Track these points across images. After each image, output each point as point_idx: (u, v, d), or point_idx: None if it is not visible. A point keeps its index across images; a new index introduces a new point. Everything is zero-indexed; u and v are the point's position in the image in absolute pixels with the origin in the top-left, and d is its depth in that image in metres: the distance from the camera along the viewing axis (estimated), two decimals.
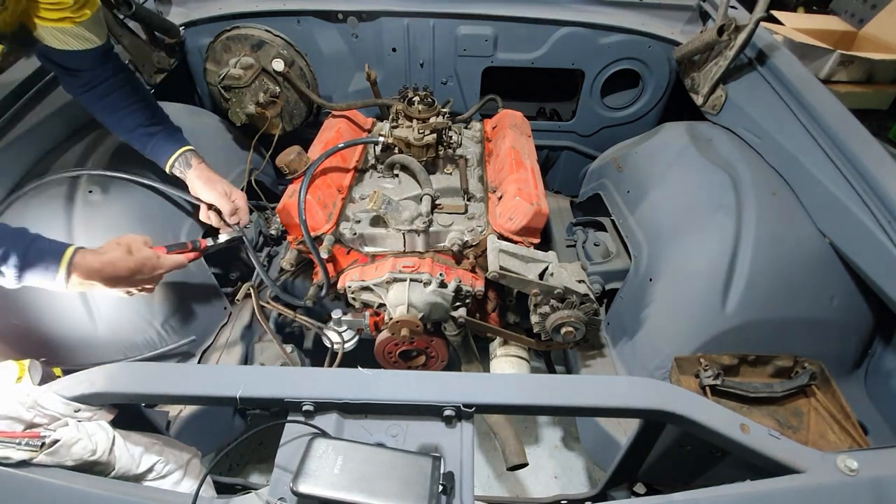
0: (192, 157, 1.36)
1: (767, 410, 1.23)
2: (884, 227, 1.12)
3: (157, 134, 1.33)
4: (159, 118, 1.35)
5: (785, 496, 0.73)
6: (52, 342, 1.24)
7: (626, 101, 2.03)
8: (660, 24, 1.85)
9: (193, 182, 1.36)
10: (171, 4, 1.89)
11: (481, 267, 1.40)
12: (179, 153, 1.34)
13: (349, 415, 0.80)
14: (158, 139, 1.33)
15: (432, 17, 1.84)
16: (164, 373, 0.86)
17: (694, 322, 1.28)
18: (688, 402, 0.78)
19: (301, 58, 1.76)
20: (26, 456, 0.72)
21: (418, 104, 1.55)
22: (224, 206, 1.38)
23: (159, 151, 1.33)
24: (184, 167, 1.35)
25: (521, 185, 1.39)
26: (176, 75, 1.88)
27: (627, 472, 1.08)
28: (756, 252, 1.25)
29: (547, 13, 1.84)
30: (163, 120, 1.36)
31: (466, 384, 0.81)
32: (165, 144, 1.33)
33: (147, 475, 0.89)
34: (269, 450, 1.58)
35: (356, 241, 1.41)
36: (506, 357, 1.44)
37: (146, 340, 1.31)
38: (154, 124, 1.32)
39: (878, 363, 1.34)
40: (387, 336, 1.35)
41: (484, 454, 1.81)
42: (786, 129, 1.41)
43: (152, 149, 1.33)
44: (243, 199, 1.44)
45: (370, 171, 1.63)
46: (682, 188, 1.48)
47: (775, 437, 0.77)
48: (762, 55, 1.58)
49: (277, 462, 0.75)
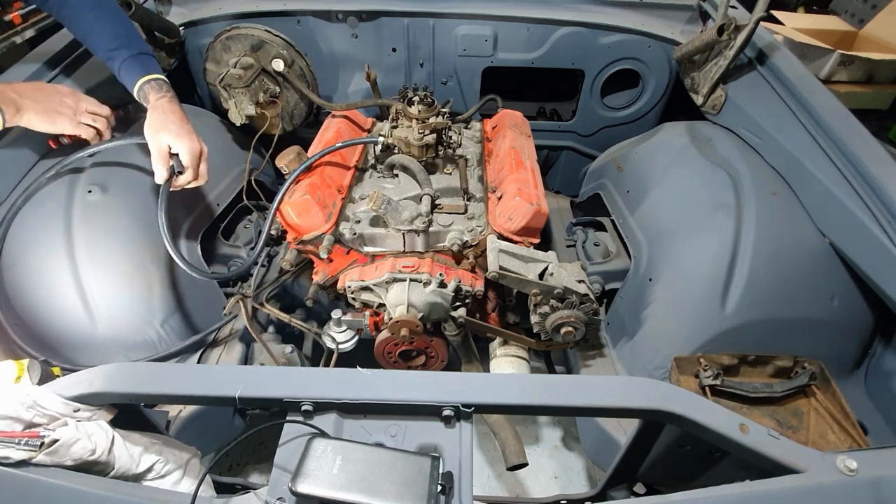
0: (149, 92, 1.25)
1: (767, 410, 1.23)
2: (884, 227, 1.12)
3: (126, 57, 1.25)
4: (129, 39, 1.27)
5: (784, 496, 0.73)
6: (51, 342, 1.25)
7: (626, 101, 2.03)
8: (660, 24, 1.85)
9: (146, 126, 1.22)
10: (171, 4, 1.89)
11: (481, 267, 1.40)
12: (141, 82, 1.24)
13: (348, 415, 0.80)
14: (127, 63, 1.25)
15: (432, 17, 1.84)
16: (163, 373, 0.86)
17: (693, 322, 1.28)
18: (687, 402, 0.78)
19: (301, 58, 1.76)
20: (25, 456, 0.72)
21: (418, 104, 1.55)
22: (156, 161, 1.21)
23: (126, 77, 1.26)
24: (143, 99, 1.26)
25: (521, 185, 1.39)
26: (176, 75, 1.88)
27: (627, 472, 1.08)
28: (756, 252, 1.25)
29: (547, 13, 1.84)
30: (132, 42, 1.27)
31: (465, 384, 0.81)
32: (130, 69, 1.25)
33: (146, 475, 0.89)
34: (269, 450, 1.58)
35: (356, 241, 1.41)
36: (506, 357, 1.44)
37: (146, 340, 1.31)
38: (121, 45, 1.25)
39: (878, 363, 1.34)
40: (386, 336, 1.35)
41: (484, 454, 1.81)
42: (786, 129, 1.41)
43: (121, 73, 1.26)
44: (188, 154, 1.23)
45: (370, 171, 1.63)
46: (681, 188, 1.48)
47: (775, 437, 0.77)
48: (762, 55, 1.58)
49: (276, 462, 0.75)
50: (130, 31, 1.31)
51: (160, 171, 1.23)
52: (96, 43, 1.27)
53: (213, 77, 1.72)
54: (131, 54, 1.26)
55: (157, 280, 1.34)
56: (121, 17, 1.33)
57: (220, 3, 1.89)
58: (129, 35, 1.30)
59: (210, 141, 1.72)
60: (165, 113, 1.22)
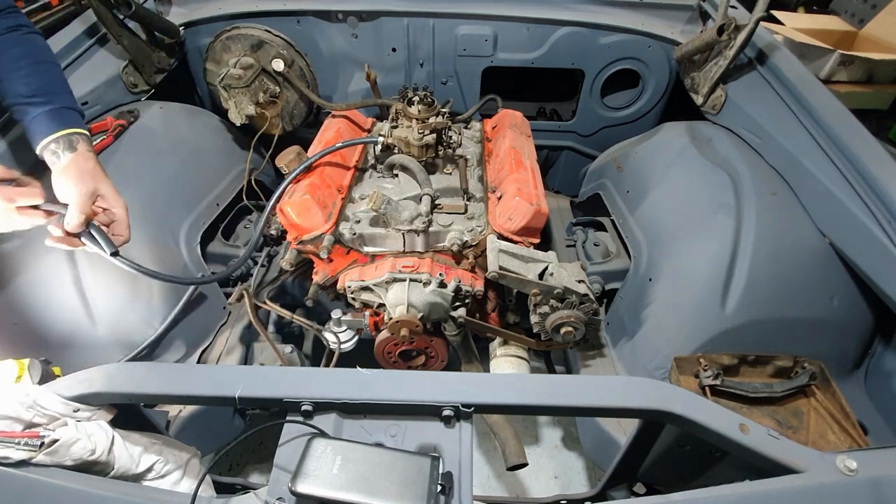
0: (80, 142, 1.07)
1: (767, 410, 1.23)
2: (884, 227, 1.12)
3: (44, 108, 1.06)
4: (56, 93, 1.10)
5: (784, 496, 0.73)
6: (51, 342, 1.25)
7: (626, 101, 2.03)
8: (660, 24, 1.85)
9: (68, 169, 1.03)
10: (171, 4, 1.89)
11: (481, 267, 1.40)
12: (64, 133, 1.05)
13: (348, 415, 0.80)
14: (44, 114, 1.06)
15: (432, 17, 1.84)
16: (163, 373, 0.86)
17: (693, 322, 1.28)
18: (687, 402, 0.78)
19: (301, 58, 1.76)
20: (25, 456, 0.72)
21: (418, 104, 1.55)
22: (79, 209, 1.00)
23: (39, 127, 1.06)
24: (63, 149, 1.05)
25: (520, 185, 1.39)
26: (176, 75, 1.88)
27: (627, 472, 1.08)
28: (756, 252, 1.25)
29: (547, 13, 1.84)
30: (60, 96, 1.10)
31: (465, 384, 0.81)
32: (50, 121, 1.06)
33: (146, 475, 0.89)
34: (269, 450, 1.58)
35: (356, 241, 1.41)
36: (505, 357, 1.44)
37: (146, 340, 1.31)
38: (44, 96, 1.07)
39: (878, 363, 1.34)
40: (386, 336, 1.35)
41: (484, 454, 1.81)
42: (786, 129, 1.41)
43: (32, 123, 1.06)
44: (123, 208, 1.10)
45: (370, 171, 1.63)
46: (681, 188, 1.48)
47: (775, 437, 0.77)
48: (762, 55, 1.58)
49: (276, 462, 0.75)
50: (61, 84, 1.14)
51: (80, 220, 1.01)
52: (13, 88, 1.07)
53: (213, 77, 1.72)
54: (55, 107, 1.08)
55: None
56: (53, 67, 1.16)
57: (220, 3, 1.89)
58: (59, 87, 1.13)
59: (210, 141, 1.74)
60: (98, 166, 1.08)
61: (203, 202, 1.56)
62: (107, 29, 1.56)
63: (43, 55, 1.14)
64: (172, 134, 1.61)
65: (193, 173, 1.56)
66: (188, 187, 1.52)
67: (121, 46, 1.61)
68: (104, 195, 1.07)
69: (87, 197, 1.02)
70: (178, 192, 1.50)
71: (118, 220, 1.10)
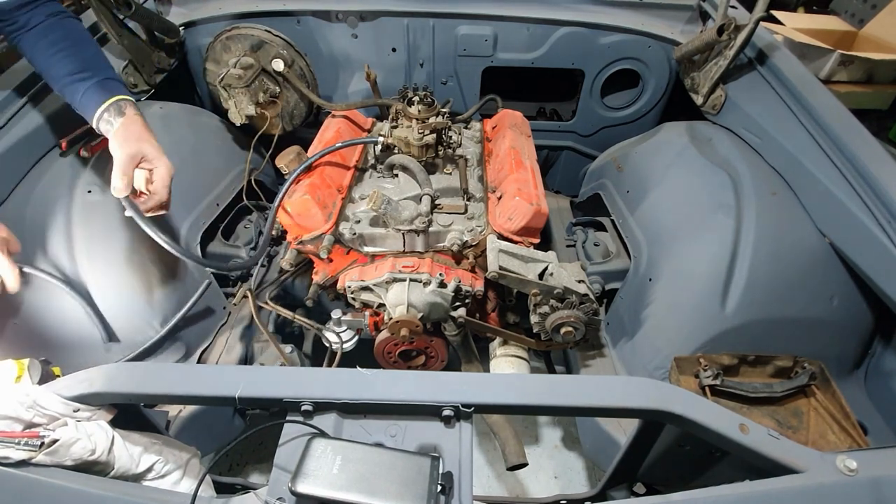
0: (127, 107, 1.13)
1: (767, 410, 1.23)
2: (884, 227, 1.12)
3: (90, 82, 1.12)
4: (97, 67, 1.15)
5: (784, 496, 0.73)
6: (51, 342, 1.25)
7: (626, 101, 2.03)
8: (660, 24, 1.85)
9: (116, 134, 1.11)
10: (171, 4, 1.89)
11: (481, 267, 1.40)
12: (113, 101, 1.12)
13: (348, 415, 0.80)
14: (91, 88, 1.12)
15: (432, 17, 1.84)
16: (163, 373, 0.86)
17: (693, 322, 1.28)
18: (687, 402, 0.78)
19: (301, 58, 1.76)
20: (25, 456, 0.72)
21: (418, 104, 1.55)
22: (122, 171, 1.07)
23: (89, 102, 1.12)
24: (114, 116, 1.12)
25: (520, 185, 1.39)
26: (176, 75, 1.88)
27: (627, 472, 1.08)
28: (756, 252, 1.25)
29: (547, 13, 1.84)
30: (101, 70, 1.16)
31: (465, 384, 0.80)
32: (97, 93, 1.12)
33: (146, 475, 0.89)
34: (269, 450, 1.58)
35: (356, 241, 1.41)
36: (505, 357, 1.44)
37: (146, 340, 1.31)
38: (87, 71, 1.13)
39: (878, 363, 1.34)
40: (386, 336, 1.35)
41: (484, 454, 1.81)
42: (786, 129, 1.41)
43: (82, 99, 1.13)
44: (165, 168, 1.14)
45: (370, 171, 1.63)
46: (681, 188, 1.48)
47: (775, 437, 0.77)
48: (762, 55, 1.58)
49: (276, 462, 0.74)
50: (99, 58, 1.20)
51: (122, 183, 1.08)
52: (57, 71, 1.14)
53: (213, 77, 1.72)
54: (99, 79, 1.14)
55: (157, 280, 1.34)
56: (90, 44, 1.21)
57: (220, 3, 1.89)
58: (98, 62, 1.19)
59: (210, 141, 1.74)
60: (144, 128, 1.14)
61: (203, 202, 1.56)
62: (107, 29, 1.56)
63: (79, 35, 1.19)
64: (172, 134, 1.60)
65: (193, 173, 1.56)
66: (188, 187, 1.52)
67: (121, 46, 1.61)
68: (147, 156, 1.12)
69: (127, 159, 1.08)
70: (177, 192, 1.47)
71: (157, 178, 1.14)
